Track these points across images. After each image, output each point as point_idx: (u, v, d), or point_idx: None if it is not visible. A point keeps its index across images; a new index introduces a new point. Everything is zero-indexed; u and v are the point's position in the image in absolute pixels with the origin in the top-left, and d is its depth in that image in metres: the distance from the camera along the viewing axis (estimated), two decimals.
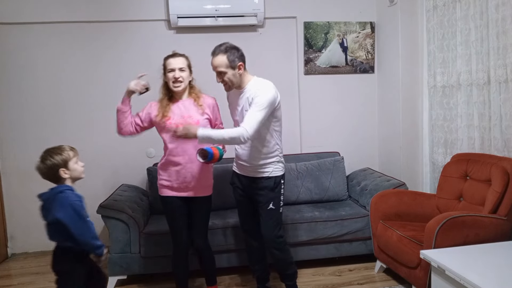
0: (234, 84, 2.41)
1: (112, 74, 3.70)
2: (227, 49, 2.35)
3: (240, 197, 2.62)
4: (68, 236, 1.99)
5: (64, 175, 2.06)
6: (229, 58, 2.34)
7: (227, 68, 2.34)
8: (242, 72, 2.39)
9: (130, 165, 3.69)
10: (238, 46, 2.41)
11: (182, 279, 2.62)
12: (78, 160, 2.15)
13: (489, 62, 2.73)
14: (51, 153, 2.07)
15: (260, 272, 2.70)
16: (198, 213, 2.55)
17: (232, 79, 2.37)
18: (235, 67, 2.36)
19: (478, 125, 2.88)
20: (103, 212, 2.88)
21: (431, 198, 2.97)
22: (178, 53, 2.51)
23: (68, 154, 2.09)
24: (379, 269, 3.07)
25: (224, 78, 2.37)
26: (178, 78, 2.44)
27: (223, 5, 3.60)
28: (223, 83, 2.42)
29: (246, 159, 2.47)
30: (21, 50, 3.61)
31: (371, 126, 4.05)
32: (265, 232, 2.50)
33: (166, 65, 2.46)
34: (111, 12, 3.64)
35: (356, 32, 3.92)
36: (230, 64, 2.34)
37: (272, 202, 2.47)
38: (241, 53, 2.40)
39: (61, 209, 1.98)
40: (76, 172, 2.12)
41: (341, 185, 3.60)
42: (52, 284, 3.09)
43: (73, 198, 2.02)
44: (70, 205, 1.99)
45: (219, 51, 2.35)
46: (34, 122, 3.67)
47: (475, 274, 1.88)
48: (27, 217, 3.71)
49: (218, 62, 2.35)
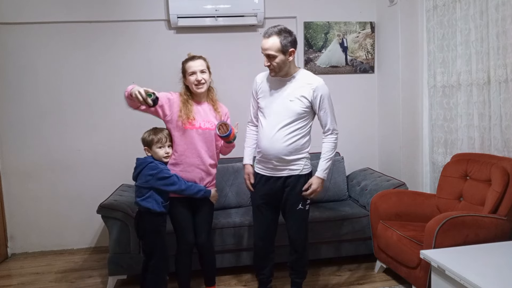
0: (281, 71, 2.31)
1: (112, 74, 3.70)
2: (281, 31, 2.22)
3: (261, 200, 2.48)
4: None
5: (146, 153, 2.47)
6: (282, 42, 2.21)
7: (278, 52, 2.22)
8: (292, 59, 2.30)
9: (130, 165, 3.66)
10: (291, 30, 2.29)
11: (184, 278, 2.62)
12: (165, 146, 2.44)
13: (489, 62, 2.73)
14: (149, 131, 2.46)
15: (265, 277, 2.63)
16: (201, 211, 2.55)
17: (281, 64, 2.26)
18: (286, 52, 2.25)
19: (478, 125, 2.88)
20: (103, 212, 2.87)
21: (431, 198, 2.97)
22: (196, 55, 2.49)
23: (153, 139, 2.41)
24: (379, 269, 3.07)
25: (273, 62, 2.25)
26: (200, 80, 2.42)
27: (223, 5, 3.60)
28: (270, 68, 2.30)
29: (275, 154, 2.35)
30: (21, 50, 3.61)
31: (371, 126, 4.05)
32: (297, 235, 2.47)
33: (187, 69, 2.43)
34: (111, 12, 3.64)
35: (356, 32, 3.92)
36: (282, 48, 2.22)
37: (301, 202, 2.42)
38: (294, 38, 2.27)
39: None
40: (156, 155, 2.45)
41: (341, 185, 3.60)
42: (52, 284, 3.11)
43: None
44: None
45: (273, 32, 2.22)
46: (34, 122, 3.67)
47: (475, 274, 1.88)
48: (27, 217, 3.71)
49: (269, 44, 2.22)
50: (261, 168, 2.47)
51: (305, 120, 2.37)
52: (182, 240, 2.54)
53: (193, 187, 2.45)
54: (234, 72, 3.75)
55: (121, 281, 3.02)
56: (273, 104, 2.38)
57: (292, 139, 2.34)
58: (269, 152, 2.37)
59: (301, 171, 2.40)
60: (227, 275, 3.08)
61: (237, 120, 2.63)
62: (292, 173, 2.39)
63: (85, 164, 3.76)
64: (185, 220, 2.52)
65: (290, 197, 2.42)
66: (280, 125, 2.34)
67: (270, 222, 2.52)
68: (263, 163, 2.45)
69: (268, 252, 2.58)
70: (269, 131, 2.37)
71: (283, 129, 2.34)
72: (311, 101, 2.34)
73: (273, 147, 2.35)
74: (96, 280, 3.15)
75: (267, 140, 2.37)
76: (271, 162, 2.39)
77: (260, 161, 2.48)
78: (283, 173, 2.40)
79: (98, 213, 2.88)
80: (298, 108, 2.33)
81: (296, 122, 2.35)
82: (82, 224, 3.77)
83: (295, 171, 2.40)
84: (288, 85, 2.36)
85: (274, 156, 2.36)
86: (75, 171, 3.74)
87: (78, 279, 3.18)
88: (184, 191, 2.42)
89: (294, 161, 2.38)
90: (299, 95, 2.33)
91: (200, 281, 2.83)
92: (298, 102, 2.33)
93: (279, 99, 2.36)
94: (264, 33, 2.27)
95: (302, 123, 2.36)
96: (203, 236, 2.57)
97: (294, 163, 2.39)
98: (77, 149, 3.73)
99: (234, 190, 3.46)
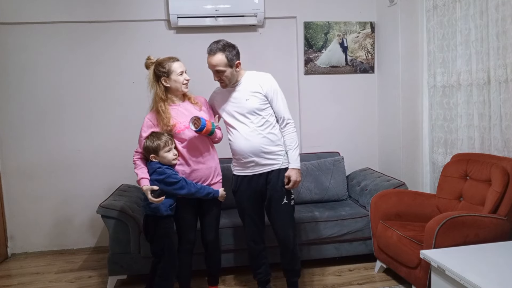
0: (231, 82, 2.43)
1: (112, 74, 3.70)
2: (224, 47, 2.35)
3: (247, 202, 2.54)
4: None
5: (153, 159, 2.43)
6: (227, 57, 2.35)
7: (226, 66, 2.36)
8: (239, 69, 2.42)
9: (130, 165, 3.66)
10: (233, 43, 2.42)
11: (185, 278, 2.62)
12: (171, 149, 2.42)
13: (489, 62, 2.73)
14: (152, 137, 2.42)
15: (263, 275, 2.66)
16: (210, 210, 2.56)
17: (230, 77, 2.40)
18: (233, 65, 2.37)
19: (478, 125, 2.88)
20: (103, 212, 2.87)
21: (431, 198, 2.97)
22: (172, 56, 2.47)
23: (159, 144, 2.37)
24: (379, 269, 3.07)
25: (222, 76, 2.38)
26: (188, 79, 2.46)
27: (223, 5, 3.60)
28: (220, 81, 2.43)
29: (253, 150, 2.41)
30: (21, 50, 3.61)
31: (371, 126, 4.05)
32: (285, 232, 2.49)
33: (174, 69, 2.41)
34: (111, 12, 3.64)
35: (356, 32, 3.92)
36: (228, 62, 2.35)
37: (285, 196, 2.46)
38: (237, 50, 2.42)
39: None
40: (165, 159, 2.42)
41: (341, 185, 3.60)
42: (52, 284, 3.11)
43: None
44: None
45: (217, 49, 2.34)
46: (34, 122, 3.68)
47: (475, 274, 1.88)
48: (27, 217, 3.72)
49: (216, 61, 2.35)
50: (240, 169, 2.53)
51: (266, 112, 2.45)
52: (183, 239, 2.55)
53: (202, 189, 2.45)
54: None
55: (121, 281, 3.02)
56: (232, 110, 2.47)
57: (263, 132, 2.43)
58: (246, 151, 2.43)
59: (281, 165, 2.47)
60: (227, 275, 3.08)
61: None
62: (273, 167, 2.46)
63: (85, 164, 3.76)
64: (189, 219, 2.54)
65: (274, 192, 2.46)
66: (247, 123, 2.43)
67: (258, 222, 2.58)
68: (242, 164, 2.50)
69: (260, 250, 2.62)
70: (239, 132, 2.44)
71: (252, 126, 2.42)
72: (265, 94, 2.44)
73: (250, 144, 2.42)
74: (96, 280, 3.15)
75: (241, 141, 2.44)
76: (252, 161, 2.45)
77: (238, 164, 2.53)
78: (265, 169, 2.46)
79: (98, 213, 2.88)
80: (256, 103, 2.43)
81: (259, 116, 2.43)
82: (82, 224, 3.77)
83: (275, 165, 2.46)
84: (237, 89, 2.47)
85: (252, 153, 2.43)
86: (75, 171, 3.74)
87: (78, 279, 3.18)
88: (194, 194, 2.42)
89: (273, 153, 2.45)
90: (252, 92, 2.42)
91: (200, 281, 2.83)
92: (254, 98, 2.43)
93: (235, 104, 2.46)
94: (208, 51, 2.37)
95: (265, 116, 2.44)
96: (212, 234, 2.58)
97: (274, 156, 2.45)
98: (77, 149, 3.73)
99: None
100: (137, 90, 3.68)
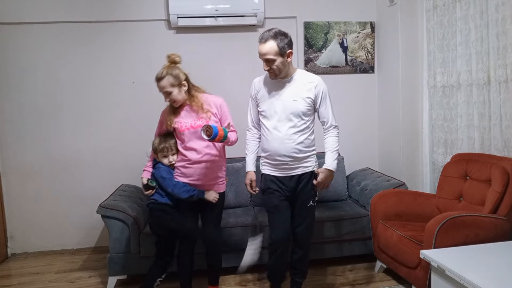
0: (281, 73, 2.32)
1: (112, 74, 3.70)
2: (276, 34, 2.24)
3: (277, 200, 2.43)
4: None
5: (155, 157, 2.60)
6: (279, 45, 2.23)
7: (276, 55, 2.24)
8: (291, 60, 2.32)
9: (130, 165, 3.68)
10: (285, 31, 2.30)
11: (185, 277, 2.62)
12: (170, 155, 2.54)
13: (489, 62, 2.73)
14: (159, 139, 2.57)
15: (281, 280, 2.61)
16: (210, 209, 2.57)
17: (280, 67, 2.28)
18: (284, 55, 2.26)
19: (478, 125, 2.88)
20: (103, 212, 2.87)
21: (431, 198, 2.97)
22: (159, 75, 2.41)
23: (158, 147, 2.53)
24: (379, 269, 3.07)
25: (272, 66, 2.27)
26: (171, 100, 2.46)
27: (223, 5, 3.60)
28: (270, 72, 2.32)
29: (289, 153, 2.36)
30: (21, 50, 3.61)
31: (371, 126, 4.05)
32: (305, 233, 2.49)
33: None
34: (111, 12, 3.64)
35: (356, 32, 3.92)
36: (280, 51, 2.24)
37: (312, 199, 2.46)
38: (290, 39, 2.28)
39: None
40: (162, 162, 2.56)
41: (341, 185, 3.60)
42: (52, 284, 3.11)
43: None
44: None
45: (268, 36, 2.24)
46: (34, 122, 3.68)
47: (475, 274, 1.88)
48: (27, 217, 3.72)
49: (267, 49, 2.23)
50: (272, 169, 2.46)
51: (310, 117, 2.42)
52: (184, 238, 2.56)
53: (185, 192, 2.47)
54: (234, 72, 3.75)
55: (121, 281, 3.02)
56: (276, 106, 2.37)
57: (302, 137, 2.38)
58: (281, 153, 2.37)
59: (314, 167, 2.45)
60: (227, 275, 3.07)
61: (237, 119, 2.63)
62: (306, 170, 2.43)
63: (85, 164, 3.76)
64: (190, 219, 2.56)
65: (302, 194, 2.44)
66: (288, 125, 2.36)
67: (288, 220, 2.47)
68: (274, 165, 2.44)
69: (287, 248, 2.50)
70: (278, 132, 2.37)
71: (292, 129, 2.36)
72: (314, 99, 2.38)
73: (284, 147, 2.36)
74: (96, 280, 3.15)
75: (277, 141, 2.37)
76: (285, 162, 2.39)
77: (269, 163, 2.46)
78: (297, 171, 2.42)
79: (98, 213, 2.88)
80: (302, 107, 2.35)
81: (302, 120, 2.37)
82: (82, 224, 3.77)
83: (308, 168, 2.43)
84: (288, 86, 2.37)
85: (287, 156, 2.37)
86: (75, 171, 3.74)
87: (78, 279, 3.18)
88: (175, 195, 2.49)
89: (306, 158, 2.42)
90: (302, 95, 2.35)
91: (201, 281, 2.83)
92: (302, 101, 2.35)
93: (281, 101, 2.37)
94: (260, 38, 2.28)
95: (308, 121, 2.40)
96: (213, 233, 2.58)
97: (307, 160, 2.42)
98: (77, 149, 3.73)
99: (234, 190, 3.47)
100: (137, 90, 3.69)
